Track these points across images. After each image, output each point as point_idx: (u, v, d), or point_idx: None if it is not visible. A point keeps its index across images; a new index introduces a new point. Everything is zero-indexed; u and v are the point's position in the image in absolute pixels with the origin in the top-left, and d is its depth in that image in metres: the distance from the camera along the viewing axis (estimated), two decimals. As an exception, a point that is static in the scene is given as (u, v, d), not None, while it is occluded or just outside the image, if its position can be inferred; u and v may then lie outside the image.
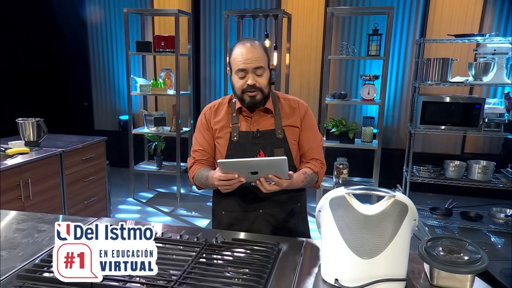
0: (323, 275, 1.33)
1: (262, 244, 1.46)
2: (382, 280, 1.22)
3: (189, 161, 1.84)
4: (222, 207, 1.81)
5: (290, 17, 4.55)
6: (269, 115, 1.77)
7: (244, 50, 1.65)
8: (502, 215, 3.99)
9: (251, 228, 1.76)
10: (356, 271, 1.24)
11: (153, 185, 5.17)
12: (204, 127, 1.81)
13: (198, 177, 1.75)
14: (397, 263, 1.25)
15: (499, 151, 5.05)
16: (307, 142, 1.79)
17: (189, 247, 1.42)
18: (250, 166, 1.49)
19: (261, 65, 1.66)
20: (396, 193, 1.23)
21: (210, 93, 5.72)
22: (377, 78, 4.17)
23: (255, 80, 1.66)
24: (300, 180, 1.68)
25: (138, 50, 4.64)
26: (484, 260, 1.25)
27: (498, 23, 4.82)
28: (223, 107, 1.80)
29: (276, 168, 1.49)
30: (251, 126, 1.76)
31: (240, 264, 1.33)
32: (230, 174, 1.51)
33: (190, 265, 1.29)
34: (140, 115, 5.59)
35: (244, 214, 1.77)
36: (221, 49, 5.57)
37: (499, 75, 3.84)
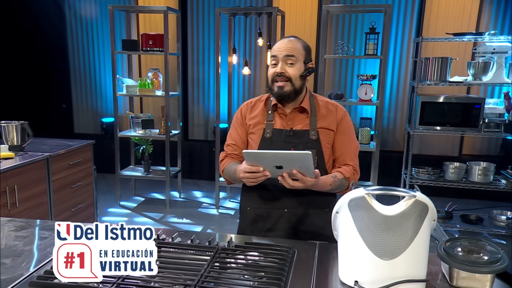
0: (341, 277, 1.37)
1: (276, 247, 1.50)
2: (402, 282, 1.27)
3: (221, 155, 1.94)
4: (248, 203, 1.89)
5: (283, 15, 4.61)
6: (304, 115, 1.83)
7: (282, 41, 1.78)
8: (503, 217, 4.11)
9: (274, 227, 1.82)
10: (376, 272, 1.28)
11: (140, 191, 5.15)
12: (238, 122, 1.91)
13: (227, 170, 1.85)
14: (417, 263, 1.30)
15: (497, 152, 5.19)
16: (341, 146, 1.84)
17: (202, 251, 1.45)
18: (274, 158, 1.54)
19: (293, 54, 1.74)
20: (416, 193, 1.28)
21: (198, 94, 5.74)
22: (374, 78, 4.26)
23: (284, 69, 1.74)
24: (328, 183, 1.73)
25: (124, 49, 4.63)
26: (505, 260, 1.31)
27: (495, 22, 4.97)
28: (260, 104, 1.89)
29: (301, 164, 1.53)
30: (285, 125, 1.82)
31: (257, 267, 1.36)
32: (256, 167, 1.57)
33: (206, 269, 1.32)
34: (125, 117, 5.57)
35: (269, 212, 1.83)
36: (210, 48, 5.60)
37: (499, 74, 3.96)
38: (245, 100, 5.81)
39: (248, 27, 5.35)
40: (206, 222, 4.28)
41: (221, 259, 1.41)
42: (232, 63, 4.73)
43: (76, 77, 6.06)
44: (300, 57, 1.76)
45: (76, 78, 6.06)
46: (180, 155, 5.08)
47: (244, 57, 4.98)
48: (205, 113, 5.78)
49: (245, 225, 1.89)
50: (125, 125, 5.55)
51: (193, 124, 5.83)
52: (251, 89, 5.58)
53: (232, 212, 4.60)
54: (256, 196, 1.84)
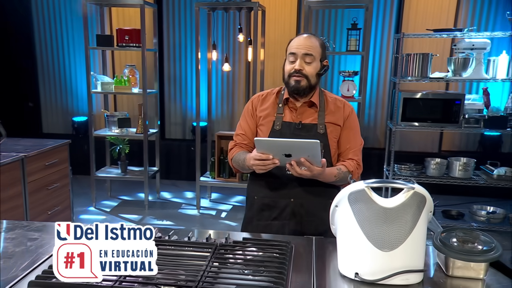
0: (341, 270, 1.43)
1: (274, 242, 1.55)
2: (402, 272, 1.34)
3: (230, 144, 2.08)
4: (255, 192, 2.00)
5: (264, 10, 4.66)
6: (313, 110, 1.96)
7: (300, 38, 1.89)
8: (483, 212, 4.29)
9: (280, 215, 1.94)
10: (376, 264, 1.35)
11: (116, 193, 5.11)
12: (249, 113, 2.03)
13: (236, 159, 1.98)
14: (415, 254, 1.37)
15: (475, 148, 5.40)
16: (347, 141, 1.97)
17: (200, 248, 1.48)
18: (284, 146, 1.67)
19: (311, 53, 1.86)
20: (415, 185, 1.35)
21: (175, 91, 5.73)
22: (356, 74, 4.36)
23: (302, 66, 1.87)
24: (333, 174, 1.86)
25: (98, 45, 4.58)
26: (498, 249, 1.40)
27: (472, 18, 5.16)
28: (271, 97, 2.02)
29: (309, 152, 1.66)
30: (294, 118, 1.95)
31: (257, 262, 1.40)
32: (265, 155, 1.71)
33: (207, 266, 1.35)
34: (98, 116, 5.50)
35: (275, 201, 1.94)
36: (187, 44, 5.59)
37: (478, 70, 4.13)
38: (224, 97, 5.83)
39: (227, 22, 5.38)
40: (187, 223, 4.29)
41: (221, 256, 1.44)
42: (212, 59, 4.75)
43: (44, 74, 5.93)
44: (317, 56, 1.89)
45: (44, 76, 5.93)
46: (158, 155, 5.06)
47: (223, 53, 5.01)
48: (183, 111, 5.77)
49: (251, 213, 2.02)
50: (98, 124, 5.48)
51: (170, 122, 5.81)
52: (230, 86, 5.60)
53: (213, 212, 4.62)
54: (263, 186, 1.96)
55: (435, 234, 1.48)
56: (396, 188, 1.40)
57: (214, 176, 4.57)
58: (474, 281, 1.40)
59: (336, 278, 1.42)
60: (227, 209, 4.72)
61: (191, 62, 5.63)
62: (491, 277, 1.43)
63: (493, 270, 1.45)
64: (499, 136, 5.19)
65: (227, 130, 5.52)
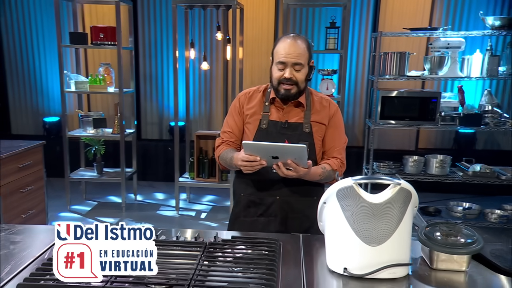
0: (330, 265, 1.47)
1: (263, 240, 1.59)
2: (389, 266, 1.39)
3: (217, 141, 2.12)
4: (242, 189, 2.06)
5: (242, 8, 4.69)
6: (299, 109, 2.01)
7: (288, 44, 1.89)
8: (459, 208, 4.43)
9: (266, 212, 2.01)
10: (364, 258, 1.40)
11: (91, 195, 5.04)
12: (236, 111, 2.07)
13: (223, 157, 2.02)
14: (402, 248, 1.42)
15: (451, 145, 5.57)
16: (331, 140, 2.03)
17: (190, 248, 1.50)
18: (272, 150, 1.73)
19: (301, 62, 1.90)
20: (401, 181, 1.41)
21: (151, 90, 5.69)
22: (335, 73, 4.44)
23: (293, 74, 1.90)
24: (317, 174, 1.92)
25: (72, 42, 4.52)
26: (480, 241, 1.48)
27: (446, 17, 5.32)
28: (257, 95, 2.06)
29: (296, 155, 1.73)
30: (281, 117, 2.00)
31: (248, 260, 1.44)
32: (253, 156, 1.76)
33: (198, 265, 1.37)
34: (71, 116, 5.42)
35: (262, 198, 2.01)
36: (163, 42, 5.57)
37: (453, 68, 4.26)
38: (202, 97, 5.82)
39: (203, 20, 5.39)
40: (166, 225, 4.28)
41: (211, 254, 1.47)
42: (190, 57, 4.75)
43: (12, 73, 5.80)
44: (306, 61, 1.93)
45: (12, 75, 5.80)
46: (135, 156, 5.02)
47: (200, 52, 5.01)
48: (159, 110, 5.74)
49: (238, 210, 2.08)
50: (71, 124, 5.39)
51: (146, 122, 5.78)
52: (207, 85, 5.61)
53: (193, 213, 4.62)
54: (250, 184, 2.02)
55: (419, 229, 1.55)
56: (378, 185, 1.46)
57: (193, 177, 4.57)
58: (457, 273, 1.47)
59: (325, 274, 1.46)
60: (206, 210, 4.73)
61: (168, 60, 5.60)
62: (473, 269, 1.50)
63: (474, 263, 1.52)
64: (473, 133, 5.37)
65: (205, 129, 5.53)
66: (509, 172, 4.30)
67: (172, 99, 5.63)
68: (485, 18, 4.20)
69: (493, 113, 4.32)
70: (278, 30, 5.44)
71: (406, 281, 1.42)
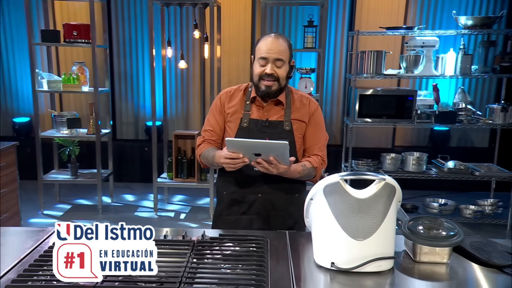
0: (317, 260, 1.52)
1: (251, 237, 1.62)
2: (375, 259, 1.45)
3: (198, 139, 2.15)
4: (224, 188, 2.10)
5: (219, 6, 4.71)
6: (280, 107, 2.05)
7: (270, 41, 1.94)
8: (435, 204, 4.58)
9: (249, 210, 2.05)
10: (351, 252, 1.45)
11: (66, 198, 4.97)
12: (217, 110, 2.10)
13: (205, 155, 2.05)
14: (387, 242, 1.49)
15: (426, 143, 5.72)
16: (312, 138, 2.07)
17: (178, 246, 1.53)
18: (255, 147, 1.77)
19: (282, 58, 1.95)
20: (386, 176, 1.47)
21: (126, 90, 5.65)
22: (313, 71, 4.51)
23: (274, 70, 1.95)
24: (297, 171, 1.95)
25: (44, 40, 4.44)
26: (460, 234, 1.55)
27: (420, 16, 5.47)
28: (238, 94, 2.10)
29: (278, 152, 1.76)
30: (261, 115, 2.04)
31: (237, 257, 1.47)
32: (236, 153, 1.80)
33: (188, 263, 1.40)
34: (42, 116, 5.32)
35: (244, 196, 2.05)
36: (138, 40, 5.53)
37: (428, 67, 4.40)
38: (179, 96, 5.81)
39: (179, 18, 5.38)
40: (144, 226, 4.25)
41: (200, 252, 1.50)
42: (167, 56, 4.74)
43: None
44: (287, 59, 1.98)
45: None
46: (111, 157, 4.97)
47: (177, 50, 5.01)
48: (135, 110, 5.70)
49: (221, 208, 2.12)
50: (42, 125, 5.29)
51: (122, 122, 5.73)
52: (184, 84, 5.60)
53: (172, 214, 4.62)
54: (232, 182, 2.06)
55: (403, 223, 1.62)
56: (358, 182, 1.51)
57: (172, 177, 4.56)
58: (439, 265, 1.54)
59: (312, 269, 1.51)
60: (185, 210, 4.73)
61: (142, 59, 5.57)
62: (454, 261, 1.58)
63: (455, 255, 1.60)
64: (447, 131, 5.54)
65: (182, 129, 5.52)
66: (482, 168, 4.46)
67: (148, 98, 5.61)
68: (458, 17, 4.35)
69: (467, 111, 4.47)
70: (255, 29, 5.49)
71: (391, 274, 1.48)
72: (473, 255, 1.57)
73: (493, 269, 1.51)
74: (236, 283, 1.30)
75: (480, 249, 1.60)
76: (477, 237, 1.69)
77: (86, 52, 5.39)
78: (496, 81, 5.42)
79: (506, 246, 1.64)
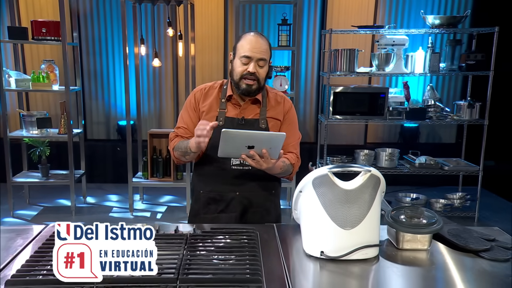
0: (306, 250, 1.61)
1: (242, 230, 1.69)
2: (362, 247, 1.54)
3: (171, 135, 2.14)
4: (201, 187, 2.11)
5: (193, 4, 4.74)
6: (256, 106, 2.09)
7: (253, 40, 1.97)
8: (408, 199, 4.76)
9: (226, 208, 2.07)
10: (340, 241, 1.54)
11: (35, 200, 4.88)
12: (191, 107, 2.11)
13: (178, 147, 2.05)
14: (373, 230, 1.58)
15: (396, 139, 5.93)
16: (287, 136, 2.03)
17: (172, 240, 1.58)
18: (251, 138, 1.77)
19: (265, 57, 1.99)
20: (371, 168, 1.57)
21: (96, 88, 5.59)
22: (288, 69, 4.61)
23: (256, 70, 1.97)
24: (279, 167, 1.98)
25: (11, 38, 4.36)
26: (440, 222, 1.67)
27: (389, 15, 5.66)
28: (213, 91, 2.11)
29: (272, 145, 1.78)
30: (238, 113, 2.07)
31: (230, 248, 1.54)
32: (205, 121, 1.87)
33: (184, 254, 1.45)
34: (9, 116, 5.19)
35: (221, 195, 2.07)
36: (108, 38, 5.49)
37: (399, 65, 4.57)
38: (151, 94, 5.77)
39: (150, 15, 5.36)
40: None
41: (193, 245, 1.55)
42: (140, 54, 4.73)
43: None
44: (268, 58, 2.02)
45: None
46: (83, 157, 4.92)
47: (150, 48, 5.01)
48: (105, 109, 5.65)
49: (198, 207, 2.12)
50: (10, 125, 5.18)
51: (92, 122, 5.67)
52: (156, 82, 5.60)
53: (148, 214, 4.62)
54: (209, 180, 2.08)
55: (386, 212, 1.72)
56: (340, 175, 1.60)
57: (147, 176, 4.56)
58: (421, 252, 1.65)
59: (302, 258, 1.59)
60: (161, 210, 4.73)
61: (113, 57, 5.54)
62: (434, 247, 1.69)
63: (434, 242, 1.72)
64: (416, 127, 5.76)
65: (155, 128, 5.51)
66: (451, 163, 4.68)
67: (119, 97, 5.58)
68: (426, 17, 4.54)
69: (436, 107, 4.67)
70: (228, 27, 5.54)
71: (377, 261, 1.58)
72: (451, 241, 1.69)
73: (470, 254, 1.63)
74: (233, 272, 1.36)
75: (458, 236, 1.72)
76: (454, 224, 1.82)
77: (53, 50, 5.31)
78: (461, 78, 5.68)
79: (481, 233, 1.76)
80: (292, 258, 1.60)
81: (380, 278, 1.52)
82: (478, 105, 4.54)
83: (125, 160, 4.60)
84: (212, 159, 2.02)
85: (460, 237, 1.71)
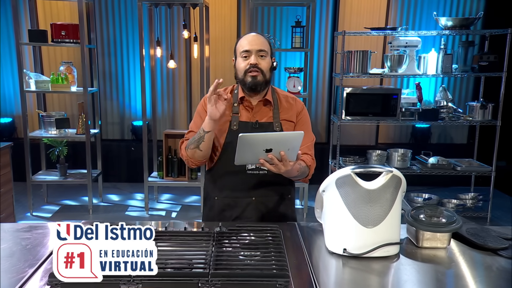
0: (329, 247, 1.66)
1: (266, 227, 1.74)
2: (383, 245, 1.59)
3: (181, 140, 2.11)
4: (215, 193, 2.08)
5: (207, 6, 4.81)
6: (268, 108, 2.07)
7: (250, 36, 2.01)
8: (420, 199, 4.79)
9: (242, 215, 2.04)
10: (362, 239, 1.59)
11: (54, 198, 4.98)
12: (203, 112, 2.04)
13: (189, 142, 1.99)
14: (394, 229, 1.63)
15: (408, 139, 5.96)
16: None
17: (200, 237, 1.63)
18: (269, 141, 1.69)
19: (265, 49, 1.99)
20: (392, 169, 1.62)
21: (111, 89, 5.68)
22: (301, 71, 4.66)
23: (258, 61, 1.97)
24: (296, 169, 1.90)
25: (31, 40, 4.45)
26: (459, 221, 1.71)
27: (401, 16, 5.69)
28: None
29: (290, 145, 1.71)
30: (251, 117, 2.05)
31: (257, 245, 1.59)
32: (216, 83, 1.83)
33: (213, 249, 1.51)
34: (28, 116, 5.29)
35: (237, 200, 2.04)
36: (123, 40, 5.57)
37: (411, 66, 4.60)
38: (165, 95, 5.83)
39: (164, 18, 5.44)
40: (137, 225, 4.32)
41: (221, 242, 1.61)
42: (156, 56, 4.81)
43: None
44: (268, 51, 2.03)
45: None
46: (100, 157, 5.01)
47: (166, 50, 5.08)
48: (120, 110, 5.74)
49: (212, 214, 2.08)
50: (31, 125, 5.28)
51: (107, 122, 5.75)
52: (170, 84, 5.67)
53: (163, 213, 4.69)
54: (223, 187, 2.05)
55: (406, 212, 1.76)
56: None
57: (163, 176, 4.63)
58: (440, 250, 1.70)
59: (325, 255, 1.64)
60: (176, 210, 4.81)
61: (128, 58, 5.62)
62: (453, 246, 1.73)
63: (453, 240, 1.76)
64: (428, 128, 5.78)
65: (169, 128, 5.59)
66: (464, 163, 4.70)
67: (134, 98, 5.67)
68: (439, 18, 4.57)
69: (448, 108, 4.70)
70: (241, 29, 5.60)
71: (397, 258, 1.63)
72: (470, 240, 1.73)
73: (488, 252, 1.67)
74: (260, 267, 1.42)
75: (476, 234, 1.76)
76: (472, 224, 1.86)
77: (70, 52, 5.41)
78: (473, 80, 5.69)
79: (499, 232, 1.80)
80: (315, 255, 1.65)
81: (400, 275, 1.56)
82: (491, 106, 4.56)
83: (139, 160, 4.68)
84: (227, 165, 1.99)
85: (479, 236, 1.75)
